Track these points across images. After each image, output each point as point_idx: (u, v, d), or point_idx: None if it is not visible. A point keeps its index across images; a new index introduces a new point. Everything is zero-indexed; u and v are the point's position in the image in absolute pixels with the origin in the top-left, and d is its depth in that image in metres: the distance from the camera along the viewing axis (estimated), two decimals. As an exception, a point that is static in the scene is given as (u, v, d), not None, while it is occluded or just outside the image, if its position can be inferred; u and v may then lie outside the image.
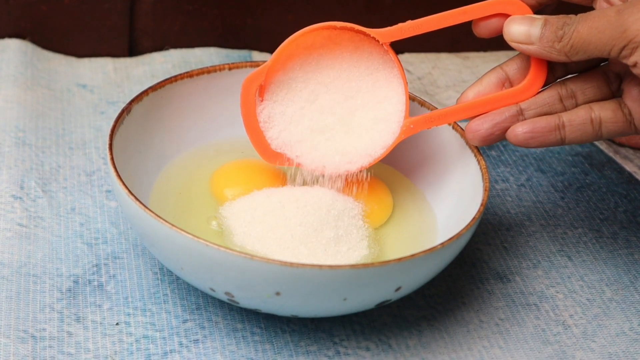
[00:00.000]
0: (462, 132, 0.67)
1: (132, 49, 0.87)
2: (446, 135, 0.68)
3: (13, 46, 0.83)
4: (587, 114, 0.63)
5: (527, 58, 0.64)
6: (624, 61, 0.59)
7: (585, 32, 0.59)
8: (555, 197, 0.75)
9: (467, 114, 0.65)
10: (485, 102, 0.64)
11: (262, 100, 0.66)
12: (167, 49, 0.87)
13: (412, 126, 0.65)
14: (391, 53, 0.65)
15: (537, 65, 0.64)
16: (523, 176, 0.77)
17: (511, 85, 0.65)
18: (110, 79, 0.83)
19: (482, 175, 0.64)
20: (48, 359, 0.59)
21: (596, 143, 0.81)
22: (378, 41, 0.64)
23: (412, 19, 0.64)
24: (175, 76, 0.69)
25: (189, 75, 0.70)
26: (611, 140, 0.81)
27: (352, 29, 0.64)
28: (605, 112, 0.63)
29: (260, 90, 0.66)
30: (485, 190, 0.63)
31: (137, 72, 0.84)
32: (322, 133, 0.66)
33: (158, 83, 0.68)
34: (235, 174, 0.69)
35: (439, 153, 0.69)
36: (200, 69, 0.70)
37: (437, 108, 0.69)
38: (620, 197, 0.75)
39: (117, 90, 0.82)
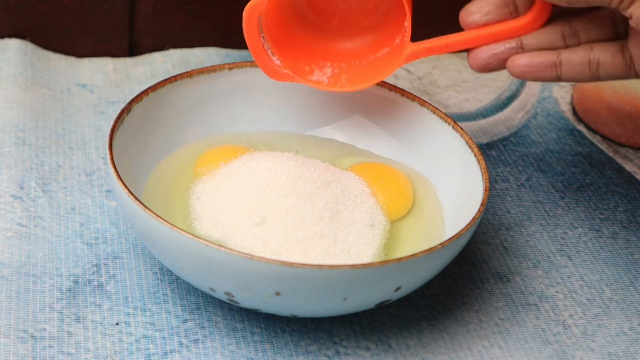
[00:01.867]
0: (462, 132, 0.67)
1: (132, 49, 0.87)
2: (446, 135, 0.68)
3: (13, 46, 0.83)
4: (586, 55, 0.62)
5: None
6: (622, 12, 0.58)
7: None
8: (555, 197, 0.75)
9: (468, 45, 0.65)
10: (487, 36, 0.64)
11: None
12: (167, 49, 0.87)
13: (410, 53, 0.66)
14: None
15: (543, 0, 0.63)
16: (523, 176, 0.77)
17: (515, 8, 0.64)
18: (110, 79, 0.83)
19: (482, 175, 0.64)
20: (48, 359, 0.59)
21: (596, 143, 0.81)
22: None
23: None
24: (175, 76, 0.69)
25: (189, 75, 0.70)
26: (611, 140, 0.81)
27: None
28: (604, 55, 0.62)
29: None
30: (485, 190, 0.63)
31: (137, 72, 0.84)
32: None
33: (158, 83, 0.68)
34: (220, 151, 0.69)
35: (439, 153, 0.69)
36: (200, 69, 0.70)
37: (437, 108, 0.69)
38: (620, 197, 0.75)
39: (117, 90, 0.82)
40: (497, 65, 0.64)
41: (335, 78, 0.69)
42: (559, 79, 0.63)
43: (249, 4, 0.65)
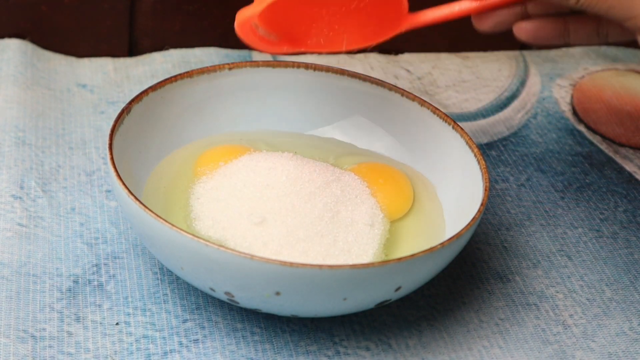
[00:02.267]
0: (462, 132, 0.67)
1: (132, 49, 0.87)
2: (446, 135, 0.68)
3: (13, 46, 0.83)
4: (594, 28, 0.62)
5: None
6: (628, 27, 0.59)
7: None
8: (555, 197, 0.75)
9: (472, 12, 0.65)
10: (491, 3, 0.64)
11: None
12: (167, 49, 0.87)
13: (412, 20, 0.65)
14: None
15: None
16: (523, 176, 0.77)
17: None
18: (110, 79, 0.83)
19: (482, 175, 0.64)
20: (48, 359, 0.59)
21: (596, 143, 0.81)
22: None
23: None
24: (175, 76, 0.69)
25: (189, 75, 0.70)
26: (611, 140, 0.81)
27: None
28: (613, 27, 0.62)
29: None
30: (485, 190, 0.63)
31: (137, 72, 0.84)
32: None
33: (158, 83, 0.68)
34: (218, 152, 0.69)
35: (439, 153, 0.69)
36: (200, 69, 0.70)
37: (437, 108, 0.69)
38: (620, 197, 0.75)
39: (117, 90, 0.82)
40: (503, 29, 0.65)
41: (335, 37, 0.67)
42: (566, 45, 0.64)
43: (239, 20, 0.64)
